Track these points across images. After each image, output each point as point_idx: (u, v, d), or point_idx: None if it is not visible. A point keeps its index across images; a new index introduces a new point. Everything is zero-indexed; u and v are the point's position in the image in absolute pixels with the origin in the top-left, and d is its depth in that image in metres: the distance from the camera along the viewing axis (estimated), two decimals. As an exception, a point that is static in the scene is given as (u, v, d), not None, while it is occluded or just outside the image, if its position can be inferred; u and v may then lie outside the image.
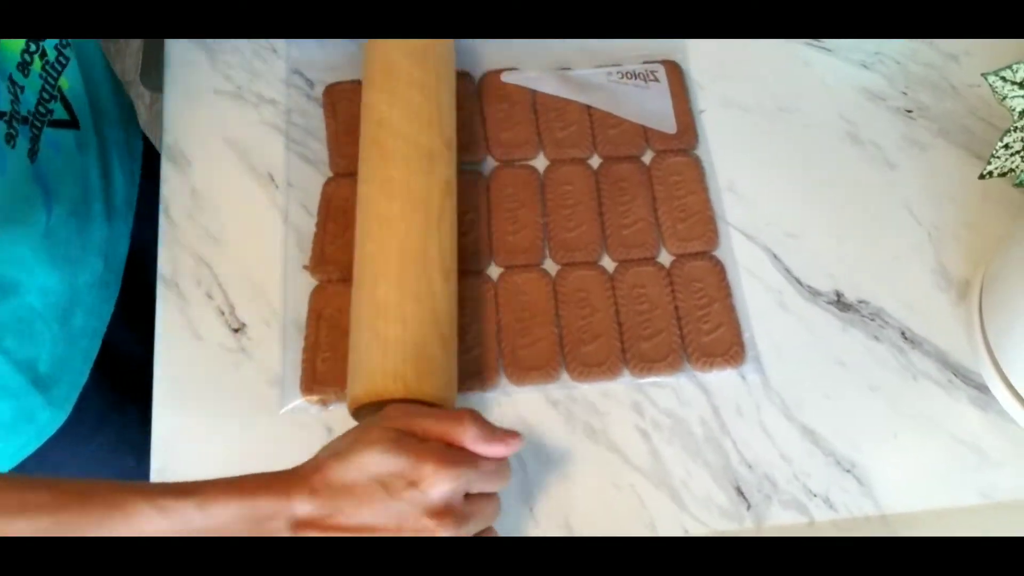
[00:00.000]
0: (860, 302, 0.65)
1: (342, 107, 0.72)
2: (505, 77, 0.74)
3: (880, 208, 0.68)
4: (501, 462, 0.53)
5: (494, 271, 0.66)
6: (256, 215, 0.68)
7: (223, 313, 0.64)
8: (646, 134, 0.71)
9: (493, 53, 0.75)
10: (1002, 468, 0.59)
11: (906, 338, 0.63)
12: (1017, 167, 0.64)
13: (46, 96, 0.66)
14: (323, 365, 0.61)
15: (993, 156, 0.64)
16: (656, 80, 0.74)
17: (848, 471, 0.59)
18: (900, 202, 0.69)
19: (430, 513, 0.49)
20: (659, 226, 0.68)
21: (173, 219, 0.68)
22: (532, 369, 0.62)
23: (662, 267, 0.66)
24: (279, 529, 0.50)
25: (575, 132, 0.71)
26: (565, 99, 0.73)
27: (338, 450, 0.51)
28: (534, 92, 0.73)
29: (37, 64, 0.64)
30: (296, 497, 0.50)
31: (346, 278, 0.63)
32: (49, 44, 0.65)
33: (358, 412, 0.57)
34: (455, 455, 0.51)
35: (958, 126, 0.72)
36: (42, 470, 0.77)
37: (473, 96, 0.73)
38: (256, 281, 0.65)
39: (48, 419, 0.72)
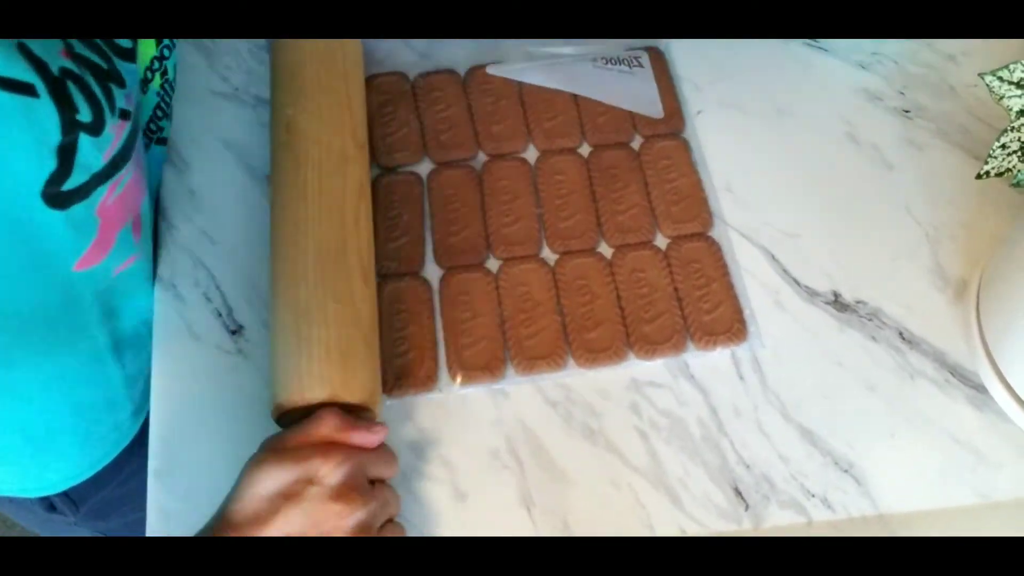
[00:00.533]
0: (858, 302, 0.65)
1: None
2: (490, 70, 0.74)
3: (878, 208, 0.68)
4: (382, 449, 0.55)
5: (493, 264, 0.66)
6: (254, 216, 0.68)
7: (220, 315, 0.64)
8: (633, 120, 0.72)
9: (477, 48, 0.76)
10: (999, 468, 0.59)
11: (904, 338, 0.63)
12: (1014, 167, 0.64)
13: (159, 114, 0.66)
14: None
15: (990, 156, 0.64)
16: (640, 66, 0.74)
17: (846, 471, 0.59)
18: (898, 202, 0.69)
19: (334, 497, 0.50)
20: (653, 210, 0.68)
21: (171, 220, 0.68)
22: (538, 358, 0.62)
23: (659, 250, 0.67)
24: None
25: (563, 121, 0.72)
26: (552, 89, 0.73)
27: (231, 495, 0.52)
28: (520, 84, 0.73)
29: (157, 81, 0.64)
30: (224, 521, 0.50)
31: None
32: (171, 63, 0.65)
33: (282, 419, 0.56)
34: (336, 446, 0.52)
35: (956, 126, 0.72)
36: (108, 488, 0.77)
37: (460, 91, 0.73)
38: (254, 283, 0.65)
39: (128, 428, 0.72)
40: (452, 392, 0.61)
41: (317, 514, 0.50)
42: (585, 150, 0.71)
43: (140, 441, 0.74)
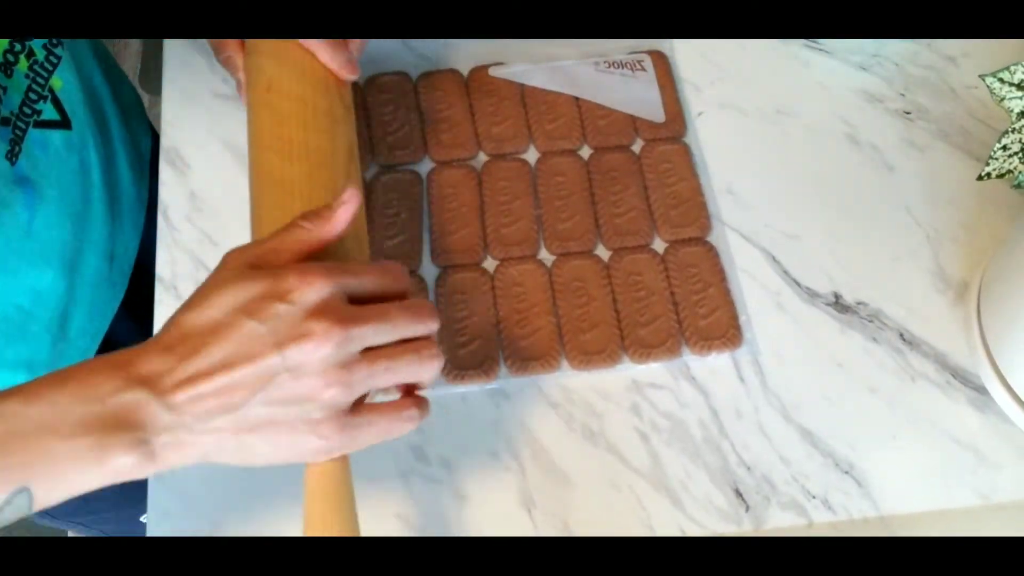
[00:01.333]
0: (858, 303, 0.65)
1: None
2: (493, 72, 0.74)
3: (879, 210, 0.68)
4: (382, 271, 0.48)
5: (490, 264, 0.66)
6: (255, 218, 0.68)
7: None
8: (635, 123, 0.72)
9: (480, 48, 0.76)
10: (1000, 469, 0.59)
11: (904, 339, 0.63)
12: (1015, 168, 0.64)
13: (33, 96, 0.65)
14: None
15: (991, 158, 0.64)
16: (643, 69, 0.74)
17: (846, 472, 0.59)
18: (899, 203, 0.69)
19: (307, 315, 0.43)
20: (651, 214, 0.68)
21: (171, 221, 0.68)
22: (532, 359, 0.62)
23: (656, 254, 0.67)
24: (130, 407, 0.42)
25: (564, 123, 0.72)
26: (553, 91, 0.73)
27: (185, 303, 0.45)
28: (522, 85, 0.73)
29: (23, 64, 0.64)
30: (142, 359, 0.43)
31: None
32: (37, 44, 0.64)
33: None
34: (317, 263, 0.46)
35: (956, 128, 0.72)
36: None
37: (462, 92, 0.73)
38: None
39: None
40: (447, 391, 0.61)
41: (282, 336, 0.43)
42: (586, 152, 0.71)
43: None
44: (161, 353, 0.43)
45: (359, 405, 0.47)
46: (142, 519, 0.96)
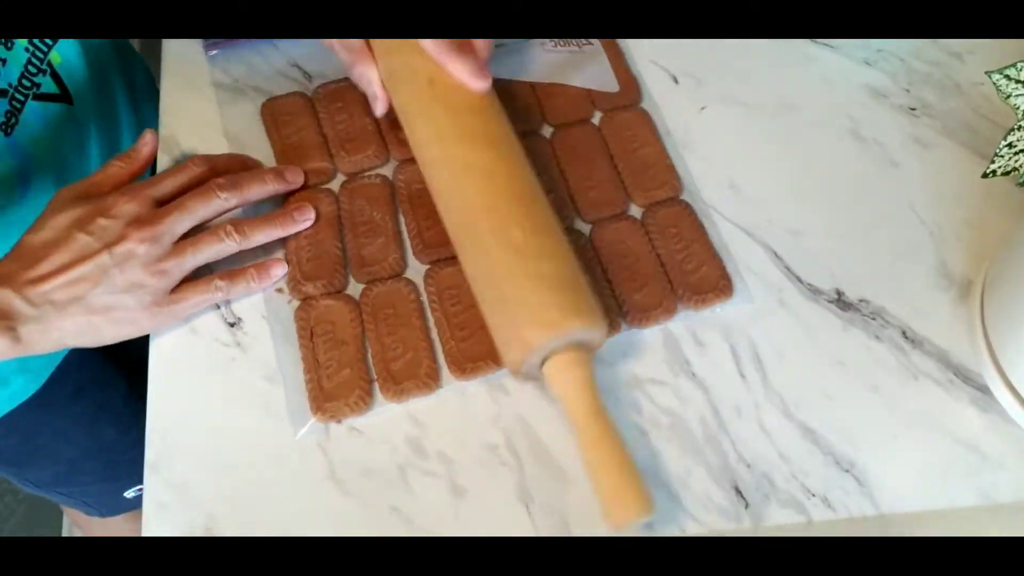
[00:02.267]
0: (861, 301, 0.64)
1: (284, 122, 0.71)
2: None
3: (882, 206, 0.68)
4: (178, 170, 0.62)
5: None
6: (251, 210, 0.67)
7: (219, 307, 0.64)
8: (591, 97, 0.73)
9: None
10: (1002, 469, 0.59)
11: (907, 338, 0.63)
12: (1021, 166, 0.64)
13: (32, 70, 0.65)
14: (329, 382, 0.60)
15: (997, 155, 0.64)
16: (590, 43, 0.75)
17: (847, 471, 0.59)
18: (902, 200, 0.68)
19: (125, 224, 0.57)
20: (622, 181, 0.69)
21: (170, 212, 0.67)
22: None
23: (635, 219, 0.67)
24: None
25: (522, 106, 0.72)
26: (504, 79, 0.73)
27: (28, 228, 0.58)
28: None
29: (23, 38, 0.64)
30: None
31: (330, 292, 0.63)
32: None
33: (524, 363, 0.56)
34: (129, 185, 0.60)
35: (962, 124, 0.71)
36: (12, 436, 0.77)
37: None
38: (253, 275, 0.65)
39: (21, 385, 0.72)
40: (452, 387, 0.61)
41: (108, 239, 0.56)
42: (547, 131, 0.71)
43: (50, 400, 0.76)
44: (13, 260, 0.56)
45: (180, 285, 0.60)
46: (126, 494, 0.96)
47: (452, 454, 0.59)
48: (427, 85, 0.62)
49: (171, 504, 0.58)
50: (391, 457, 0.59)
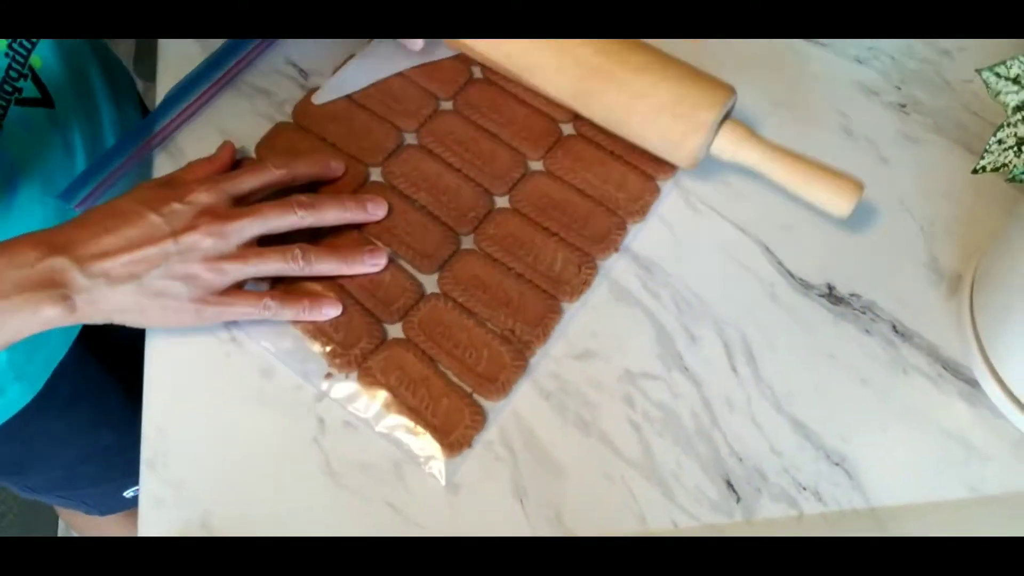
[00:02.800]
0: (852, 295, 0.65)
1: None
2: (316, 99, 0.73)
3: (873, 202, 0.68)
4: (259, 171, 0.62)
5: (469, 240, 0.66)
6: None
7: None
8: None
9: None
10: (990, 462, 0.59)
11: (897, 332, 0.63)
12: (1010, 162, 0.64)
13: (13, 74, 0.65)
14: (436, 418, 0.60)
15: (986, 151, 0.64)
16: None
17: (837, 464, 0.59)
18: (893, 196, 0.69)
19: (197, 214, 0.57)
20: (510, 145, 0.71)
21: (165, 208, 0.68)
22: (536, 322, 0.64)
23: (541, 171, 0.70)
24: (56, 270, 0.54)
25: (413, 101, 0.73)
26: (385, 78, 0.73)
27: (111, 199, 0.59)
28: (349, 97, 0.73)
29: (2, 42, 0.64)
30: (64, 232, 0.56)
31: (377, 345, 0.63)
32: None
33: (702, 146, 0.65)
34: (211, 177, 0.61)
35: (952, 121, 0.72)
36: (11, 444, 0.77)
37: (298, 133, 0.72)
38: (248, 271, 0.65)
39: (18, 393, 0.72)
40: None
41: (176, 226, 0.57)
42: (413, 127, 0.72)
43: (47, 406, 0.76)
44: (79, 229, 0.56)
45: (232, 289, 0.60)
46: (125, 494, 0.96)
47: (447, 449, 0.60)
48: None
49: (167, 500, 0.58)
50: (386, 452, 0.59)
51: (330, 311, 0.62)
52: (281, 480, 0.59)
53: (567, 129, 0.72)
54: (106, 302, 0.56)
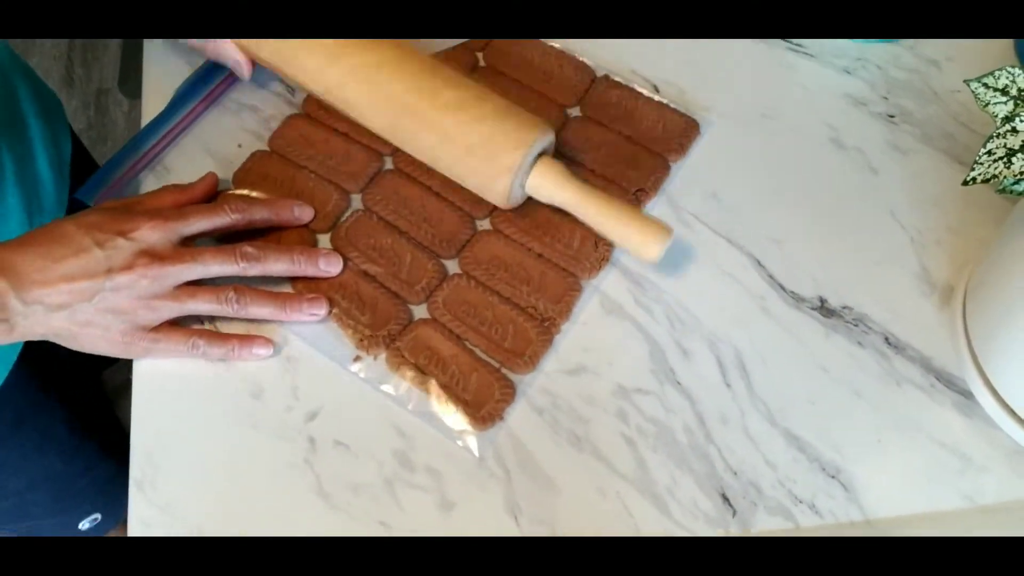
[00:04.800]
0: (843, 308, 0.65)
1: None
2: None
3: (863, 213, 0.68)
4: (211, 212, 0.62)
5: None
6: (236, 223, 0.67)
7: (203, 323, 0.64)
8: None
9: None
10: (986, 473, 0.59)
11: (889, 343, 0.63)
12: (1000, 173, 0.64)
13: None
14: (467, 394, 0.61)
15: (976, 163, 0.64)
16: None
17: (833, 477, 0.59)
18: (883, 207, 0.69)
19: (138, 252, 0.58)
20: (541, 94, 0.73)
21: (152, 227, 0.67)
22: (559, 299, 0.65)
23: (576, 118, 0.72)
24: None
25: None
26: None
27: (76, 215, 0.59)
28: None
29: None
30: (17, 254, 0.56)
31: (404, 326, 0.64)
32: None
33: (512, 186, 0.63)
34: (163, 211, 0.60)
35: (940, 131, 0.72)
36: None
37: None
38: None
39: None
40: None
41: (114, 263, 0.57)
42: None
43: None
44: (23, 253, 0.56)
45: (164, 325, 0.61)
46: (80, 526, 0.95)
47: (439, 467, 0.59)
48: (375, 70, 0.65)
49: (156, 522, 0.57)
50: (378, 471, 0.59)
51: (261, 351, 0.62)
52: (272, 501, 0.58)
53: (574, 111, 0.74)
54: (41, 326, 0.58)
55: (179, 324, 0.62)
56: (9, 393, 0.75)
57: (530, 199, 0.66)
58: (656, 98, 0.73)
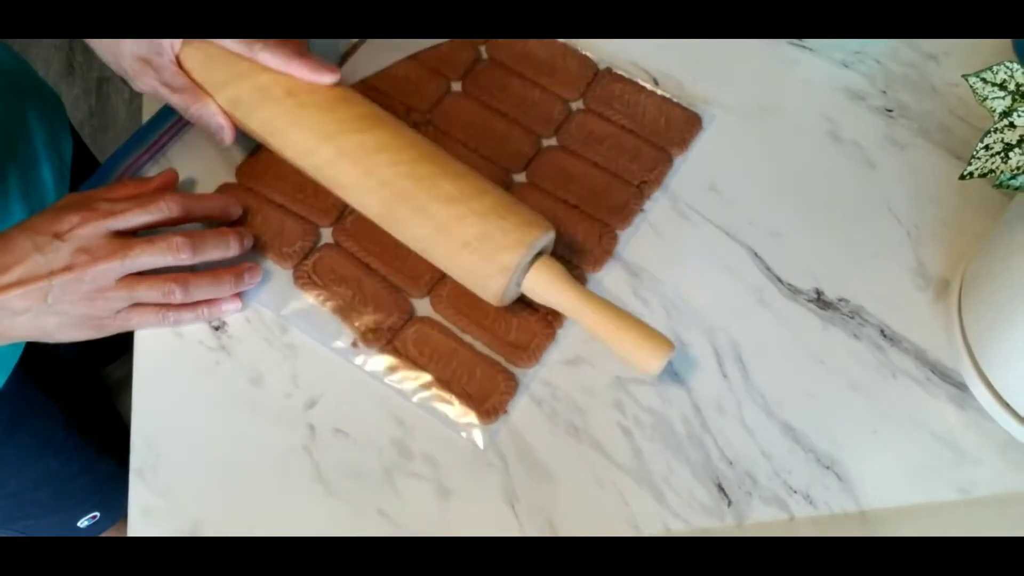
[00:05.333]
0: (840, 300, 0.65)
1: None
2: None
3: (860, 206, 0.69)
4: (144, 207, 0.61)
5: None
6: (237, 212, 0.67)
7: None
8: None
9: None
10: (980, 465, 0.59)
11: (885, 336, 0.64)
12: (997, 168, 0.65)
13: None
14: (472, 386, 0.62)
15: (974, 157, 0.64)
16: None
17: (828, 468, 0.59)
18: (880, 201, 0.69)
19: (74, 252, 0.58)
20: (544, 88, 0.74)
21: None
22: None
23: (579, 111, 0.73)
24: None
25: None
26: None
27: (38, 216, 0.60)
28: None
29: None
30: None
31: (405, 321, 0.64)
32: None
33: (507, 287, 0.60)
34: (97, 208, 0.60)
35: (937, 125, 0.72)
36: None
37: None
38: (237, 278, 0.65)
39: None
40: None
41: (55, 266, 0.58)
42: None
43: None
44: None
45: (132, 308, 0.61)
46: (79, 524, 0.95)
47: (438, 455, 0.60)
48: (286, 96, 0.63)
49: (156, 510, 0.58)
50: (377, 459, 0.59)
51: (230, 307, 0.64)
52: (271, 488, 0.59)
53: (577, 104, 0.74)
54: (14, 330, 0.59)
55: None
56: (7, 394, 0.75)
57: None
58: (659, 92, 0.73)
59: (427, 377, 0.62)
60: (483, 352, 0.63)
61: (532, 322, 0.63)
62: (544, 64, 0.75)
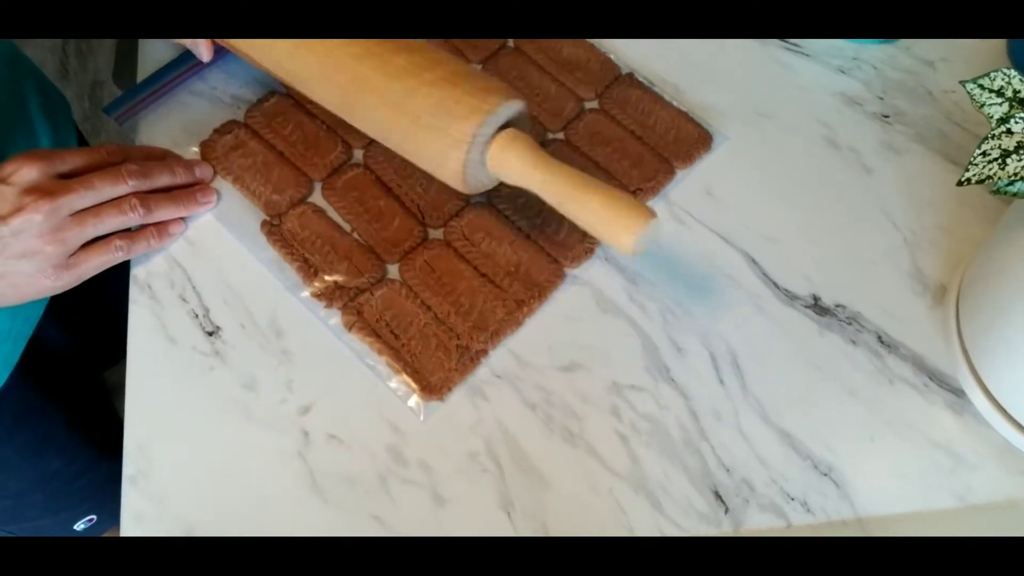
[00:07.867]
0: (837, 306, 0.65)
1: (231, 160, 0.70)
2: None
3: (857, 212, 0.69)
4: (90, 150, 0.62)
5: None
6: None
7: (197, 316, 0.64)
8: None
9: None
10: (977, 471, 0.59)
11: (882, 342, 0.64)
12: (995, 174, 0.65)
13: None
14: (417, 362, 0.62)
15: (971, 163, 0.64)
16: None
17: (825, 475, 0.59)
18: (877, 206, 0.69)
19: (22, 192, 0.57)
20: (561, 83, 0.74)
21: (147, 220, 0.67)
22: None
23: (593, 111, 0.73)
24: None
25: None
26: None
27: None
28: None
29: None
30: None
31: (373, 283, 0.64)
32: None
33: (467, 163, 0.57)
34: (35, 151, 0.59)
35: (934, 131, 0.72)
36: None
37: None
38: (231, 283, 0.65)
39: None
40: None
41: (4, 210, 0.57)
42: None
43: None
44: None
45: (81, 249, 0.60)
46: (76, 527, 0.95)
47: (433, 462, 0.59)
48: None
49: (149, 516, 0.57)
50: (372, 465, 0.59)
51: (175, 229, 0.65)
52: (265, 494, 0.58)
53: (591, 104, 0.75)
54: None
55: (92, 242, 0.62)
56: (8, 394, 0.74)
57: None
58: (675, 104, 0.73)
59: (379, 343, 0.62)
60: (442, 326, 0.63)
61: (498, 306, 0.63)
62: (567, 60, 0.75)
